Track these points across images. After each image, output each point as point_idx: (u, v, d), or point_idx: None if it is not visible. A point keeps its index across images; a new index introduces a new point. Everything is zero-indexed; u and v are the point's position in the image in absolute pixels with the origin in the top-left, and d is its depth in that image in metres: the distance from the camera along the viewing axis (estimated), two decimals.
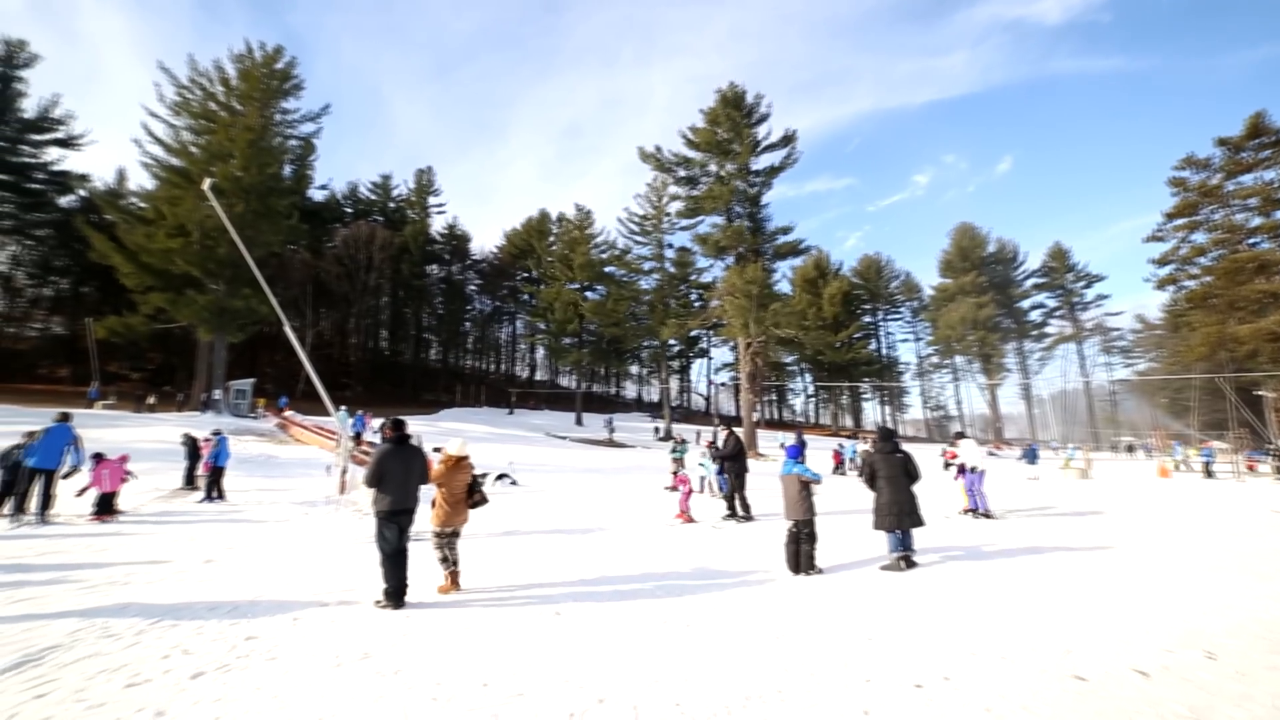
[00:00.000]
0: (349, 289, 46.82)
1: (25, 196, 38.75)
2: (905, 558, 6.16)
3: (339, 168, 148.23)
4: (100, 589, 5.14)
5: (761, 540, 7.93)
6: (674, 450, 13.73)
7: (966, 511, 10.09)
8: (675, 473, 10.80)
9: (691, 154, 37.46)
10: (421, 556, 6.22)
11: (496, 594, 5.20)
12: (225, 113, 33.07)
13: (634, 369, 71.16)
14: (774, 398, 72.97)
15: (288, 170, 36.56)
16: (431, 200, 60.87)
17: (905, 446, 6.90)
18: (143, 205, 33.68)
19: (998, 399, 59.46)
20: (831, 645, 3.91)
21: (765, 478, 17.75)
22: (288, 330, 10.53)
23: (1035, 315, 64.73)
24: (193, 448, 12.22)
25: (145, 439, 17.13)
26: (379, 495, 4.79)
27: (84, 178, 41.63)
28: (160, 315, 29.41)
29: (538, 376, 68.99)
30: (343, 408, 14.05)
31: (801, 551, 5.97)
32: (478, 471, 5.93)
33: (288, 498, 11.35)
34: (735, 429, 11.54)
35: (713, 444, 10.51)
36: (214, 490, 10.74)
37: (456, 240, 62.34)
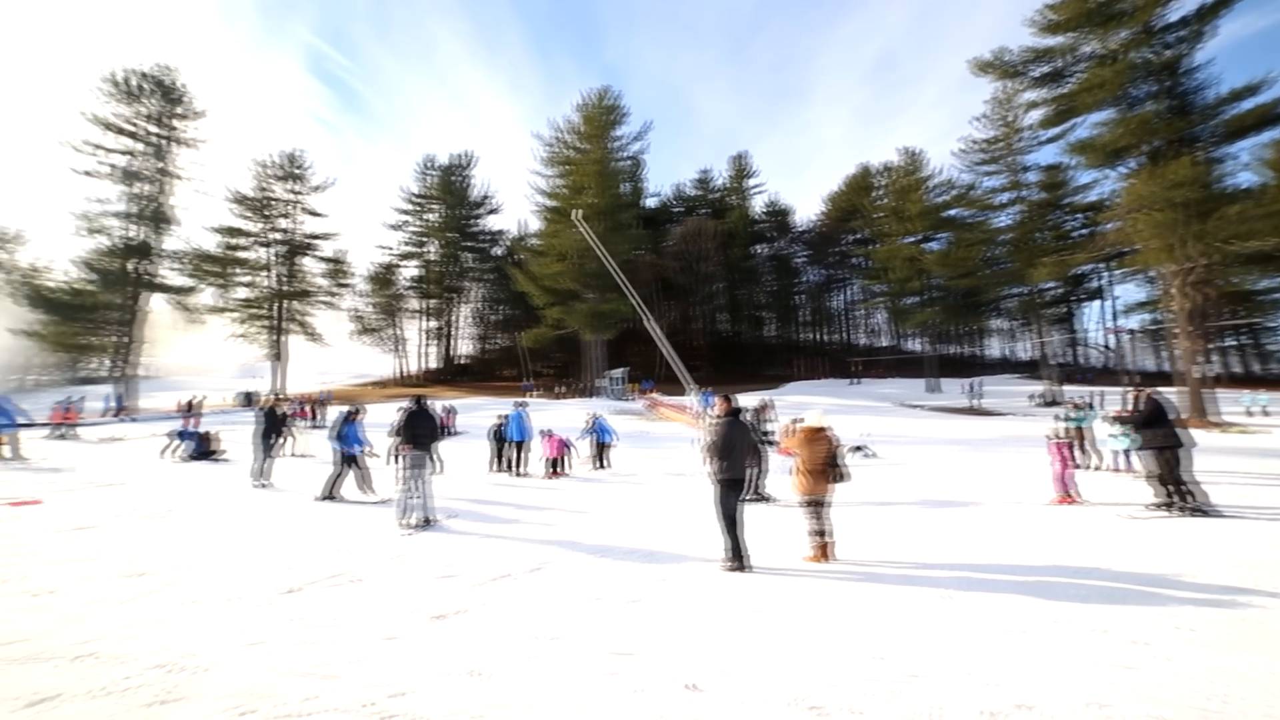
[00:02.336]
0: (688, 280, 52.28)
1: (478, 254, 56.07)
2: None
3: (664, 173, 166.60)
4: (558, 527, 6.93)
5: (1226, 541, 5.68)
6: (1070, 418, 10.97)
7: None
8: (1052, 438, 8.58)
9: (1050, 41, 29.04)
10: (786, 523, 6.46)
11: (871, 568, 5.02)
12: (577, 154, 40.97)
13: (997, 323, 60.16)
14: (1234, 342, 51.86)
15: (626, 188, 43.25)
16: (749, 183, 62.90)
17: None
18: (537, 242, 44.65)
19: None
20: None
21: (1226, 456, 12.72)
22: (650, 324, 12.26)
23: None
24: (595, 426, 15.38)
25: (562, 419, 22.46)
26: (721, 465, 5.06)
27: (503, 233, 58.13)
28: (558, 324, 38.43)
29: (880, 342, 64.59)
30: (695, 386, 15.78)
31: None
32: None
33: (663, 467, 13.33)
34: (1155, 389, 8.45)
35: (1133, 411, 7.84)
36: (602, 461, 13.36)
37: (778, 216, 62.97)
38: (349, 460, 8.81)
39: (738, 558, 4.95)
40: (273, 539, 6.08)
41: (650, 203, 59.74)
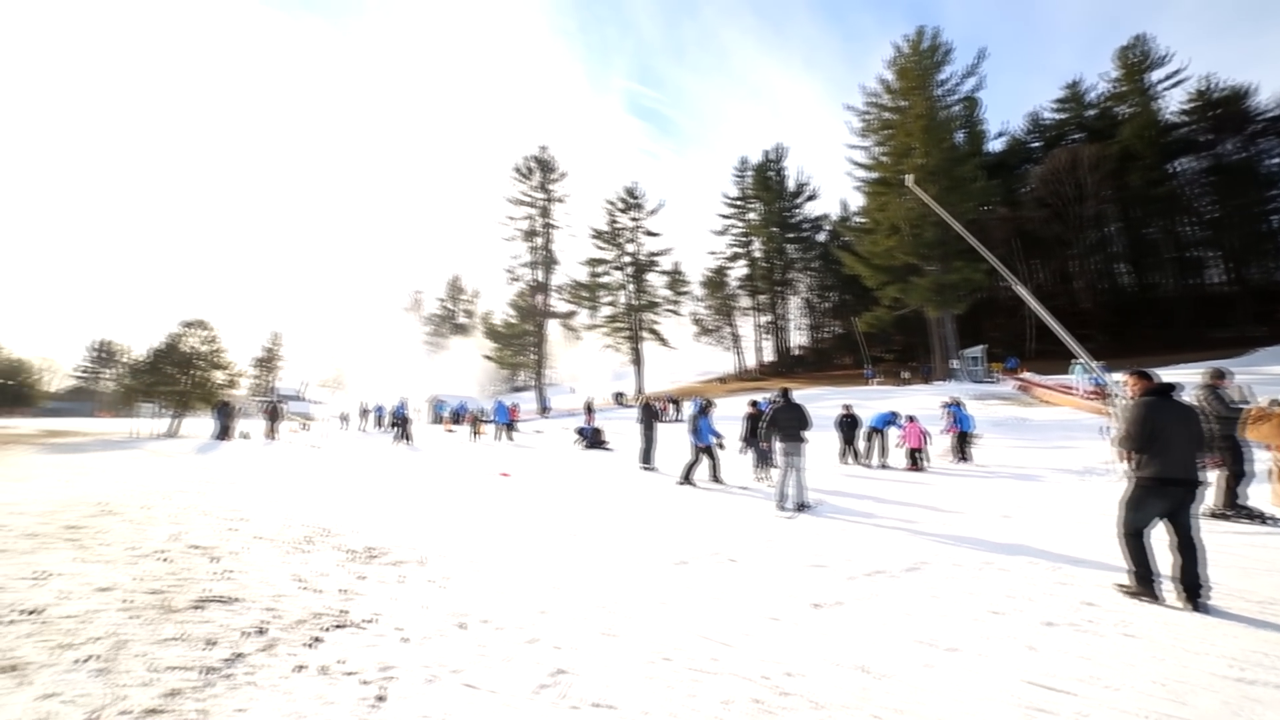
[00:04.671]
0: (1060, 229, 41.46)
1: (802, 244, 55.83)
2: None
3: (1008, 105, 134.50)
4: (928, 524, 6.26)
5: None
6: None
7: None
8: None
9: None
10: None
11: None
12: (896, 114, 36.77)
13: None
14: None
15: (960, 137, 36.88)
16: (1154, 76, 45.16)
17: None
18: (862, 220, 41.75)
19: None
20: None
21: None
22: (1020, 289, 10.13)
23: None
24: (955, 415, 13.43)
25: (911, 406, 20.42)
26: (1145, 459, 3.89)
27: (825, 217, 56.50)
28: (896, 303, 35.16)
29: None
30: (1089, 361, 12.32)
31: None
32: None
33: (1050, 461, 10.82)
34: None
35: None
36: (963, 453, 11.51)
37: (1216, 106, 42.77)
38: (704, 450, 9.74)
39: (1143, 583, 3.84)
40: (658, 516, 7.13)
41: (994, 146, 49.47)
